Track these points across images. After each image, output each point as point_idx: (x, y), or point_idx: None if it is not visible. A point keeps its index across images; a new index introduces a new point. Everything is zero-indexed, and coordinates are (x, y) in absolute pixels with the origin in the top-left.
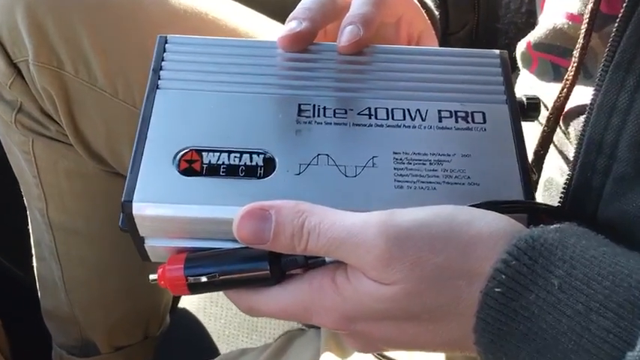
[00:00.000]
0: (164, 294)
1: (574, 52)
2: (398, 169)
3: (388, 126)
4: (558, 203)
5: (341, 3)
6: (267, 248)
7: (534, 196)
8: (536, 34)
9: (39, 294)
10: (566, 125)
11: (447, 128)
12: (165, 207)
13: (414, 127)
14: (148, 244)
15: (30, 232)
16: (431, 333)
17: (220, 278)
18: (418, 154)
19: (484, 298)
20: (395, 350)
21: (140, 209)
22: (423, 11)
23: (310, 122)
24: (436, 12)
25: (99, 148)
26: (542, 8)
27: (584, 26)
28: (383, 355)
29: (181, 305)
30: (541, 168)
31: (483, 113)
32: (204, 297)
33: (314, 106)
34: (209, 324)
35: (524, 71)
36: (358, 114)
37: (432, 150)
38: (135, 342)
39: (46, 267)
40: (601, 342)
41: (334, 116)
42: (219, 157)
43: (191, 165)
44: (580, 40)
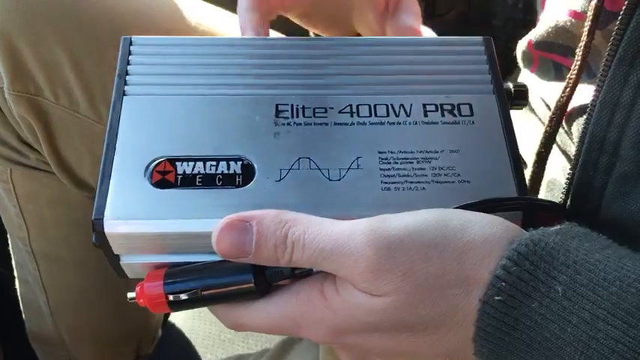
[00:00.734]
0: None
1: (577, 51)
2: (384, 170)
3: (371, 124)
4: (560, 203)
5: None
6: (249, 261)
7: (527, 191)
8: (537, 32)
9: (23, 315)
10: (569, 125)
11: (434, 123)
12: (138, 223)
13: (399, 124)
14: (124, 262)
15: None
16: (427, 344)
17: (203, 293)
18: (404, 153)
19: (483, 307)
20: None
21: (112, 227)
22: None
23: (289, 123)
24: None
25: (85, 176)
26: (543, 6)
27: (587, 23)
28: None
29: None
30: (544, 168)
31: (470, 105)
32: None
33: (292, 106)
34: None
35: (524, 71)
36: (339, 112)
37: (419, 147)
38: None
39: (30, 291)
40: (609, 352)
41: (314, 116)
42: (194, 167)
43: (164, 176)
44: (583, 38)
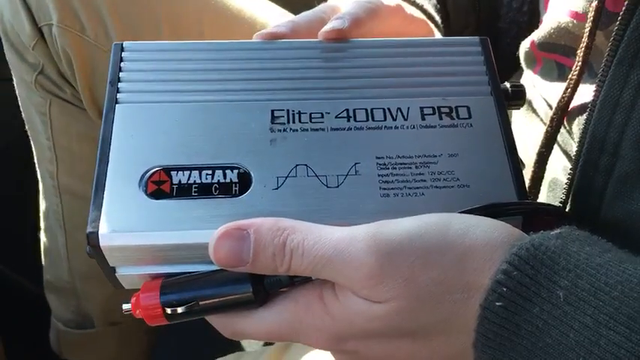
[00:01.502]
0: None
1: (578, 52)
2: (382, 176)
3: (369, 128)
4: (560, 204)
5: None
6: (247, 270)
7: (527, 195)
8: (540, 33)
9: (43, 267)
10: (569, 124)
11: (432, 127)
12: (134, 236)
13: (396, 128)
14: (120, 273)
15: (39, 203)
16: (428, 350)
17: (200, 304)
18: (403, 158)
19: (484, 313)
20: None
21: (107, 240)
22: (427, 21)
23: (285, 130)
24: (437, 17)
25: None
26: (546, 7)
27: (588, 24)
28: None
29: None
30: (545, 168)
31: (468, 107)
32: None
33: (288, 112)
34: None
35: (527, 72)
36: (336, 117)
37: (417, 152)
38: (129, 319)
39: (52, 237)
40: (611, 358)
41: (310, 121)
42: (189, 176)
43: (160, 187)
44: (584, 39)
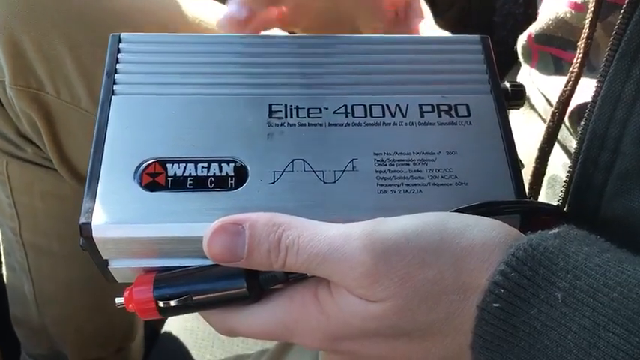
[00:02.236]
0: None
1: (579, 44)
2: (380, 172)
3: (367, 124)
4: (559, 201)
5: None
6: (241, 266)
7: (526, 193)
8: (537, 25)
9: (8, 301)
10: (569, 120)
11: (430, 124)
12: (127, 228)
13: (395, 125)
14: (112, 266)
15: None
16: (424, 350)
17: (194, 298)
18: (401, 154)
19: (481, 313)
20: None
21: (100, 231)
22: None
23: (282, 124)
24: None
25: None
26: None
27: (589, 15)
28: None
29: None
30: (546, 164)
31: (467, 105)
32: None
33: (286, 106)
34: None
35: (525, 66)
36: (334, 113)
37: (416, 149)
38: (107, 355)
39: (17, 278)
40: None
41: (308, 116)
42: (185, 169)
43: (154, 179)
44: (585, 30)
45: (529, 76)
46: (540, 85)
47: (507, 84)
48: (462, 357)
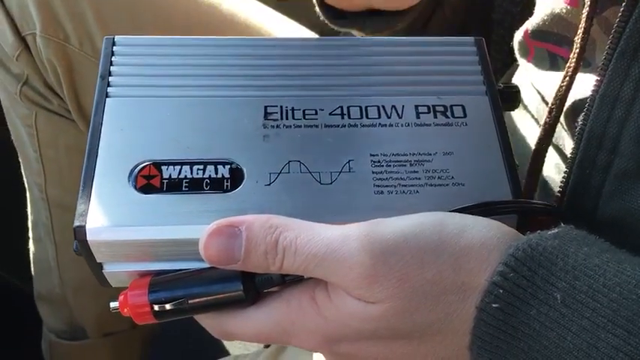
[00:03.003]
0: None
1: (575, 38)
2: (377, 173)
3: (363, 125)
4: (554, 203)
5: None
6: (238, 268)
7: (522, 193)
8: (533, 21)
9: (33, 279)
10: (565, 119)
11: (426, 125)
12: (122, 230)
13: (391, 126)
14: (107, 270)
15: (28, 214)
16: (422, 352)
17: (190, 303)
18: (397, 155)
19: (480, 314)
20: None
21: (95, 235)
22: None
23: (278, 126)
24: None
25: None
26: None
27: (585, 9)
28: None
29: None
30: (542, 162)
31: (463, 106)
32: None
33: (281, 108)
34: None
35: (522, 61)
36: (330, 114)
37: (412, 149)
38: (124, 329)
39: (42, 248)
40: None
41: (304, 118)
42: (180, 171)
43: (149, 181)
44: (582, 25)
45: (525, 72)
46: (536, 82)
47: (502, 85)
48: (461, 358)
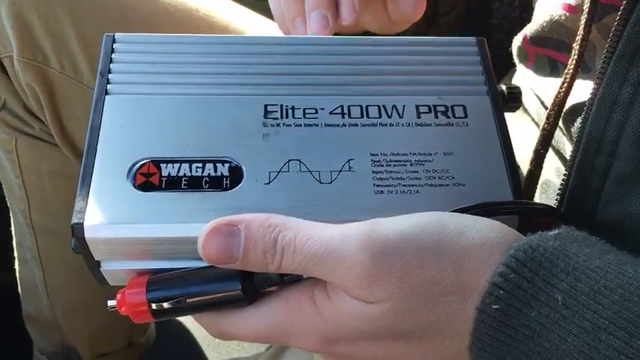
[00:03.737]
0: None
1: (574, 45)
2: (377, 173)
3: (363, 125)
4: (554, 205)
5: None
6: (236, 267)
7: (523, 194)
8: (532, 27)
9: (21, 298)
10: (564, 123)
11: (427, 125)
12: (121, 228)
13: (391, 125)
14: (105, 268)
15: (12, 235)
16: (421, 352)
17: (187, 301)
18: (397, 155)
19: (480, 316)
20: None
21: (93, 232)
22: None
23: (278, 125)
24: None
25: None
26: None
27: (584, 17)
28: None
29: None
30: (541, 168)
31: (464, 106)
32: None
33: (281, 107)
34: (198, 331)
35: (520, 66)
36: (330, 113)
37: (412, 149)
38: (118, 349)
39: (28, 270)
40: None
41: (304, 117)
42: (179, 169)
43: (148, 179)
44: (580, 31)
45: (524, 78)
46: (535, 87)
47: (503, 86)
48: (461, 359)
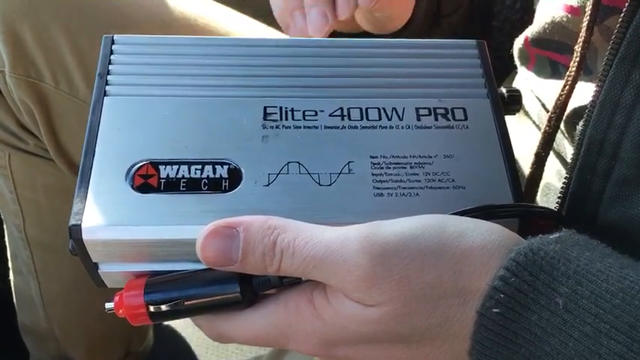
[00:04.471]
0: None
1: (576, 47)
2: (376, 175)
3: (363, 127)
4: (555, 208)
5: None
6: (235, 270)
7: (523, 197)
8: (534, 29)
9: (16, 308)
10: (565, 126)
11: (427, 127)
12: (119, 230)
13: (391, 128)
14: (102, 270)
15: (6, 245)
16: (421, 356)
17: (186, 304)
18: (397, 157)
19: (480, 319)
20: None
21: (90, 233)
22: None
23: (278, 127)
24: None
25: None
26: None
27: (586, 19)
28: None
29: None
30: (542, 171)
31: (464, 109)
32: None
33: (281, 109)
34: (197, 335)
35: (521, 68)
36: (330, 115)
37: (412, 152)
38: (116, 359)
39: (23, 282)
40: None
41: (304, 119)
42: (178, 171)
43: (147, 180)
44: (582, 34)
45: (525, 80)
46: (536, 89)
47: (503, 90)
48: None
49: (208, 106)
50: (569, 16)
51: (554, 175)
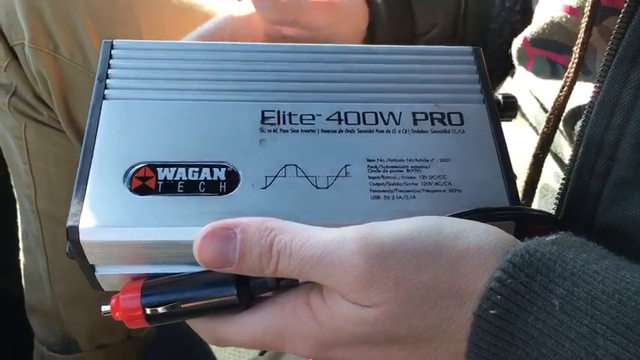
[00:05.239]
0: None
1: (574, 48)
2: (373, 178)
3: (360, 131)
4: (553, 209)
5: None
6: (232, 271)
7: (520, 201)
8: (533, 29)
9: (24, 290)
10: (563, 127)
11: (424, 131)
12: (116, 231)
13: (388, 132)
14: (99, 273)
15: (18, 225)
16: (418, 357)
17: (182, 307)
18: (394, 161)
19: (477, 321)
20: None
21: (88, 235)
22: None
23: (275, 130)
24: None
25: None
26: (537, 0)
27: (584, 20)
28: None
29: None
30: (540, 172)
31: (460, 114)
32: None
33: (278, 113)
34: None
35: (520, 69)
36: (327, 119)
37: (409, 155)
38: (117, 341)
39: (32, 260)
40: None
41: (301, 122)
42: (175, 173)
43: (144, 182)
44: (580, 35)
45: (524, 80)
46: (535, 89)
47: (500, 96)
48: None
49: (206, 110)
50: (568, 17)
51: (551, 177)
